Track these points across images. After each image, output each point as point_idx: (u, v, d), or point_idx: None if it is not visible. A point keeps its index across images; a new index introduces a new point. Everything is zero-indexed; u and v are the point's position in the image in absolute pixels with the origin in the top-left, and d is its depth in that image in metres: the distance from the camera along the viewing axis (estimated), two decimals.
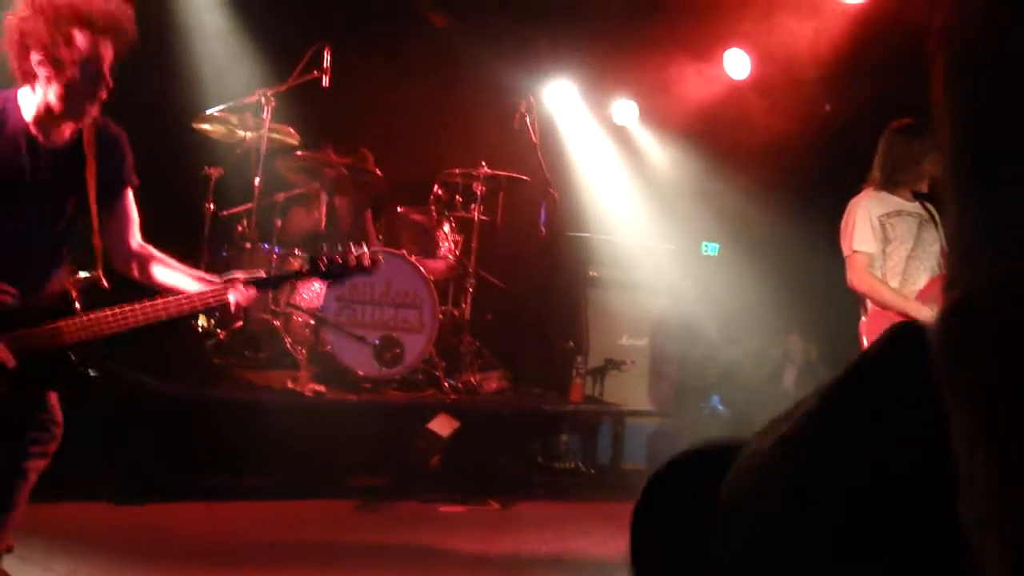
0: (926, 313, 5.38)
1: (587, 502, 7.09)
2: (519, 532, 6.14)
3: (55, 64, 3.56)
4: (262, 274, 4.18)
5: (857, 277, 5.54)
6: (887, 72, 8.01)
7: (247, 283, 3.97)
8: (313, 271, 4.27)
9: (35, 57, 3.54)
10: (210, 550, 5.16)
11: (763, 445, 0.87)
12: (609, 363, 8.40)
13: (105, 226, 3.89)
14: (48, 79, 3.59)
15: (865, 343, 5.58)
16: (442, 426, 6.87)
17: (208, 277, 4.01)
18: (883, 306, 5.50)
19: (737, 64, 9.49)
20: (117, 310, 3.69)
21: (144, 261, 3.97)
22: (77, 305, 3.63)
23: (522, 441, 7.81)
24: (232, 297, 3.93)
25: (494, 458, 7.41)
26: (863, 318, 5.64)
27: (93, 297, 3.72)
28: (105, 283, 3.75)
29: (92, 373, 3.69)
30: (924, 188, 5.61)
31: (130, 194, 4.01)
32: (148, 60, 7.99)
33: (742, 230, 9.28)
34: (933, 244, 5.60)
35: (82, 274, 3.79)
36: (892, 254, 5.56)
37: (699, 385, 8.93)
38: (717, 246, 9.56)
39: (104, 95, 3.72)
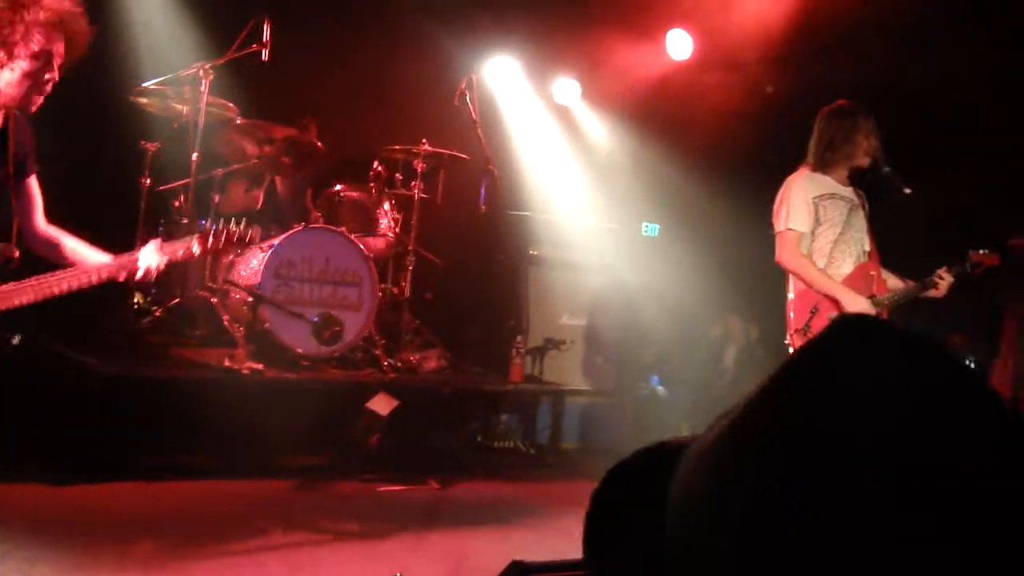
0: (851, 298, 5.45)
1: (526, 481, 7.10)
2: (458, 511, 6.14)
3: (8, 53, 3.64)
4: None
5: (787, 254, 5.60)
6: (828, 54, 8.08)
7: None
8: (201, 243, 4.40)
9: None
10: (146, 530, 5.09)
11: (706, 442, 0.87)
12: (549, 342, 8.40)
13: (17, 209, 4.02)
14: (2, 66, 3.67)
15: (791, 319, 5.64)
16: (381, 405, 6.84)
17: (119, 256, 4.15)
18: (809, 285, 5.57)
19: (679, 44, 9.50)
20: (26, 281, 3.74)
21: (52, 242, 4.13)
22: None
23: (461, 420, 7.81)
24: (143, 262, 4.07)
25: (433, 437, 7.40)
26: (789, 295, 5.70)
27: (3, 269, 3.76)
28: (16, 253, 3.79)
29: (14, 341, 3.69)
30: (861, 165, 5.67)
31: (35, 180, 4.17)
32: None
33: (682, 210, 9.31)
34: (860, 230, 5.69)
35: None
36: (820, 236, 5.63)
37: (638, 365, 8.97)
38: (657, 226, 9.58)
39: (50, 89, 3.84)
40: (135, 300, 7.56)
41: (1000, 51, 7.29)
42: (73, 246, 4.15)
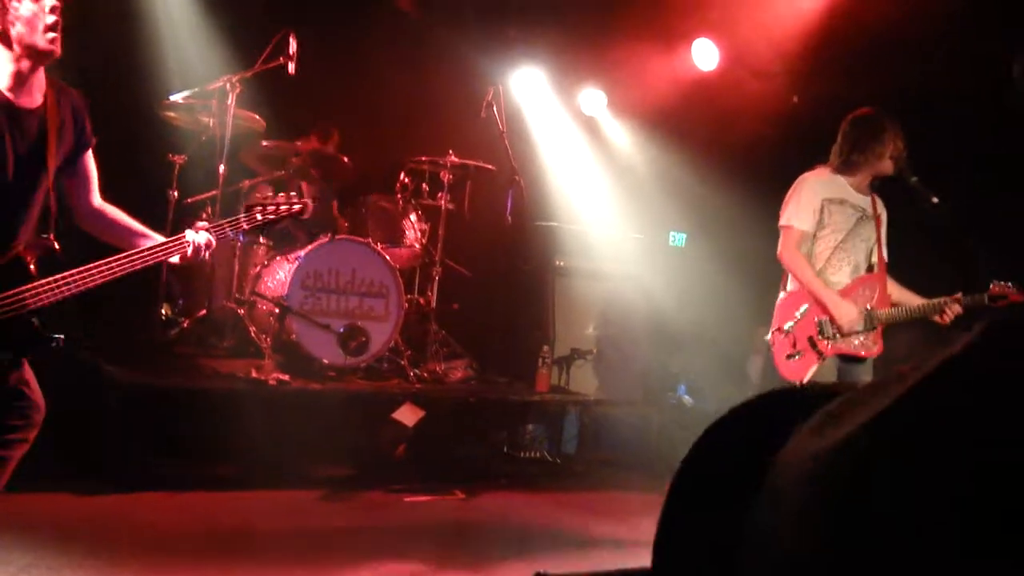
0: (841, 307, 5.42)
1: (552, 492, 7.09)
2: (484, 522, 6.14)
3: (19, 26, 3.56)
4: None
5: (786, 250, 5.59)
6: (855, 65, 8.05)
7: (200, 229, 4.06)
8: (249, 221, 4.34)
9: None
10: (173, 541, 5.12)
11: (824, 443, 0.71)
12: (575, 352, 8.39)
13: (71, 186, 3.91)
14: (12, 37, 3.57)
15: (776, 316, 5.61)
16: (407, 415, 6.85)
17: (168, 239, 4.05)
18: (802, 285, 5.54)
19: (705, 55, 9.48)
20: (76, 272, 3.68)
21: (105, 219, 4.01)
22: (32, 268, 3.60)
23: (487, 431, 7.80)
24: (191, 239, 4.00)
25: (459, 448, 7.40)
26: (781, 293, 5.67)
27: (48, 261, 3.71)
28: (56, 246, 3.72)
29: (55, 338, 3.65)
30: (886, 171, 5.62)
31: (91, 154, 4.02)
32: (112, 46, 7.95)
33: (709, 220, 9.29)
34: (867, 240, 5.63)
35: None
36: (821, 240, 5.59)
37: (665, 375, 8.95)
38: (684, 236, 9.56)
39: (58, 52, 3.68)
40: (163, 311, 7.60)
41: None
42: (125, 224, 4.03)
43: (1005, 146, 7.23)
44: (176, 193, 7.65)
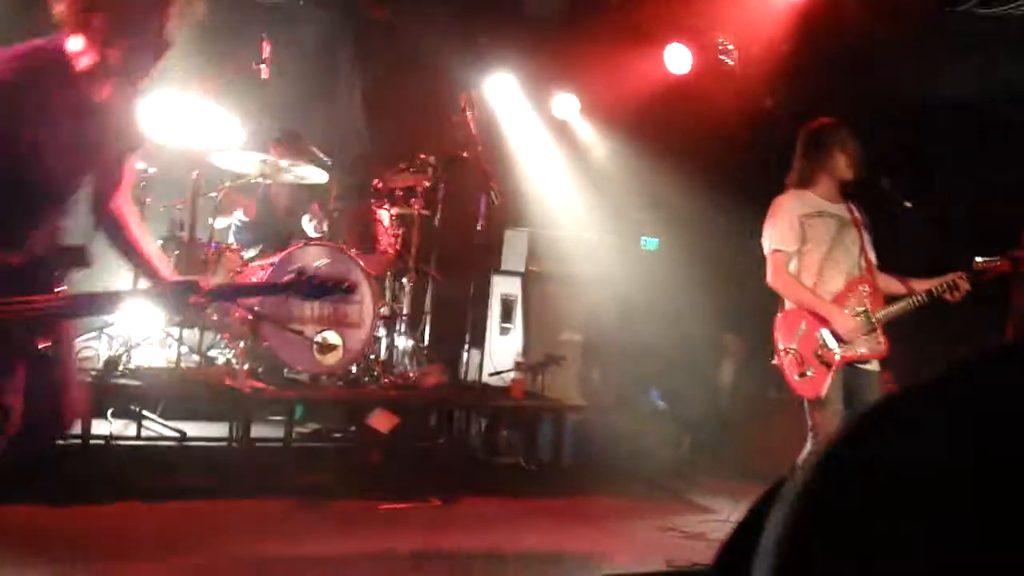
0: (838, 316, 5.45)
1: (528, 498, 7.08)
2: (460, 528, 6.13)
3: (122, 23, 3.45)
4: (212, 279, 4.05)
5: (775, 275, 5.62)
6: (827, 68, 8.10)
7: (206, 293, 3.83)
8: (295, 288, 4.15)
9: (99, 12, 3.41)
10: (147, 550, 5.08)
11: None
12: (549, 358, 8.39)
13: (104, 186, 3.72)
14: (109, 37, 3.45)
15: (777, 338, 5.63)
16: (382, 422, 6.84)
17: (169, 273, 3.87)
18: (798, 304, 5.57)
19: (678, 59, 9.51)
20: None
21: (118, 224, 3.83)
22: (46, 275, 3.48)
23: (462, 437, 7.79)
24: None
25: (434, 454, 7.38)
26: (777, 315, 5.70)
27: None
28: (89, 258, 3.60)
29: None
30: (846, 177, 5.66)
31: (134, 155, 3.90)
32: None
33: (682, 224, 9.32)
34: (853, 246, 5.66)
35: None
36: (807, 254, 5.62)
37: (639, 380, 8.96)
38: (657, 240, 9.59)
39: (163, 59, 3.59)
40: None
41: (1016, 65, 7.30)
42: (138, 241, 3.83)
43: (986, 147, 7.30)
44: (149, 199, 7.59)
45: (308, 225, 7.77)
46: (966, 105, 7.14)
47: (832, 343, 5.45)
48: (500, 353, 8.65)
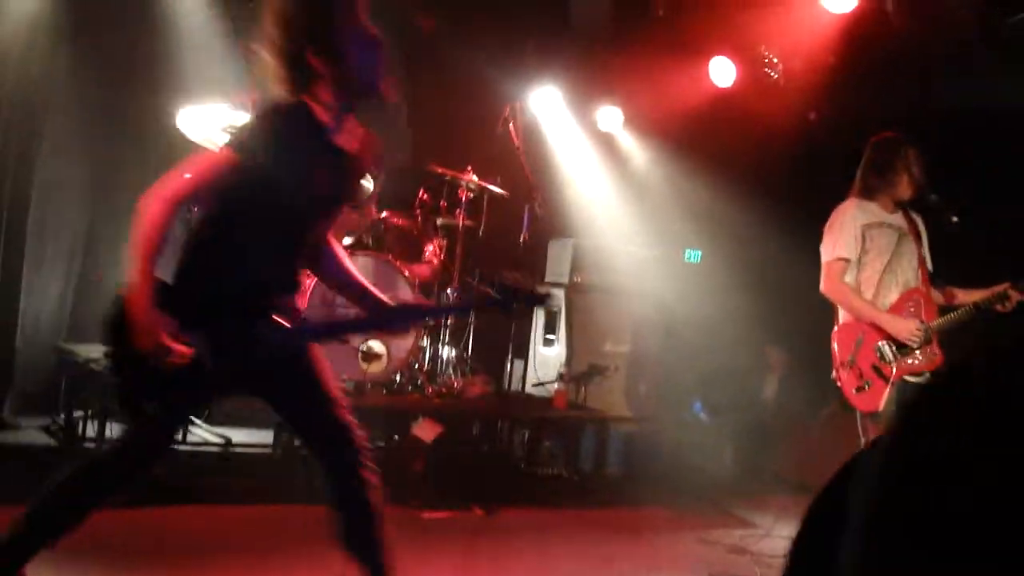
0: (896, 324, 5.42)
1: (570, 508, 7.10)
2: (502, 538, 6.14)
3: (335, 56, 3.47)
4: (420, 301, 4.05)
5: (830, 284, 5.60)
6: (871, 81, 8.07)
7: (418, 311, 3.88)
8: (496, 303, 4.16)
9: (311, 49, 3.44)
10: (191, 554, 5.13)
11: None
12: (592, 369, 8.41)
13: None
14: (326, 76, 3.48)
15: (836, 351, 5.61)
16: (426, 431, 6.87)
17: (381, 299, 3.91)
18: (853, 315, 5.55)
19: (722, 71, 9.50)
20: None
21: (338, 258, 3.90)
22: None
23: (505, 447, 7.81)
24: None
25: (477, 464, 7.40)
26: (835, 328, 5.68)
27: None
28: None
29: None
30: (903, 196, 5.65)
31: None
32: (128, 58, 7.96)
33: (725, 237, 9.31)
34: (911, 257, 5.64)
35: None
36: (867, 265, 5.60)
37: (681, 391, 8.95)
38: (700, 252, 9.58)
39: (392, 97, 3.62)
40: None
41: None
42: (354, 272, 3.91)
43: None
44: (196, 208, 7.68)
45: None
46: (1019, 114, 7.07)
47: (890, 356, 5.43)
48: (543, 364, 8.69)
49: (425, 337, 7.86)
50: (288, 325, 3.52)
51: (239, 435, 6.99)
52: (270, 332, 3.49)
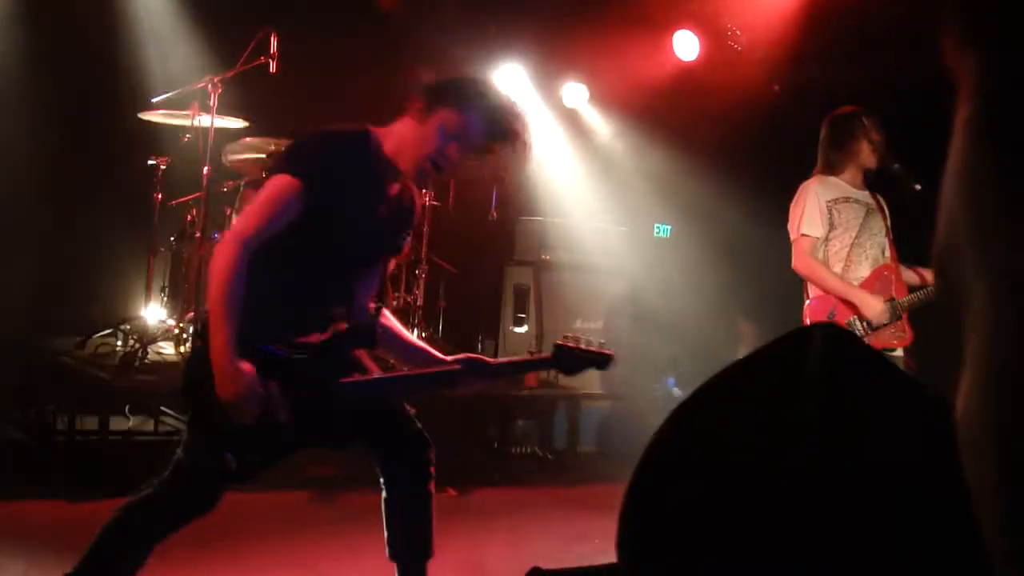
0: (867, 301, 5.43)
1: (544, 487, 7.10)
2: (476, 518, 6.12)
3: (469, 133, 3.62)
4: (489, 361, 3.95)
5: (801, 261, 5.61)
6: (836, 53, 8.06)
7: (479, 371, 3.80)
8: (555, 364, 4.09)
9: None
10: (166, 544, 5.09)
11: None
12: None
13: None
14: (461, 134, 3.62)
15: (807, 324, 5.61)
16: None
17: (433, 352, 3.85)
18: (825, 290, 5.56)
19: (686, 45, 9.49)
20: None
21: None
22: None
23: (478, 427, 7.79)
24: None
25: (450, 445, 7.37)
26: (807, 301, 5.69)
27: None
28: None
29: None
30: (869, 165, 5.66)
31: None
32: (92, 49, 7.90)
33: (694, 211, 9.30)
34: (878, 233, 5.66)
35: None
36: (835, 240, 5.61)
37: (653, 367, 8.95)
38: (669, 227, 9.58)
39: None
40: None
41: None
42: (403, 330, 3.86)
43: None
44: (160, 196, 7.63)
45: None
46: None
47: (860, 331, 5.44)
48: (514, 343, 8.66)
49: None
50: (362, 378, 3.46)
51: None
52: (346, 387, 3.42)
